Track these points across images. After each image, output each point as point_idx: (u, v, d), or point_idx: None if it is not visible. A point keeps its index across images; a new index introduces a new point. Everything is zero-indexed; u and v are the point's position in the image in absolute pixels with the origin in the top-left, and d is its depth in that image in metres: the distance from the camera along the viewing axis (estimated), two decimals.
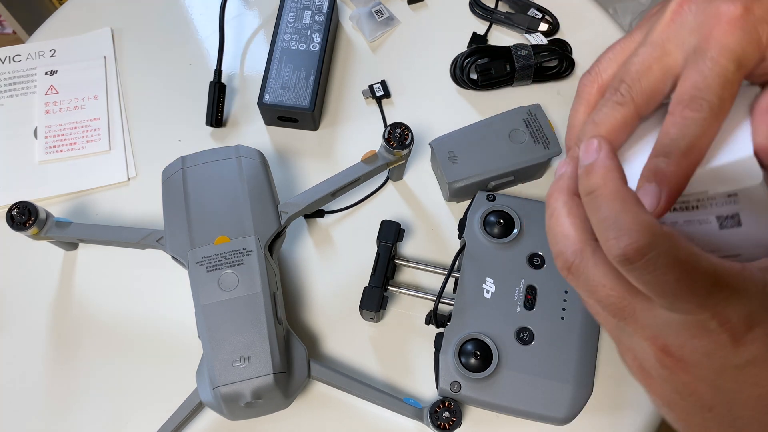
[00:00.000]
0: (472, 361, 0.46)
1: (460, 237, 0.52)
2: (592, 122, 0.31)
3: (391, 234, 0.51)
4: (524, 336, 0.47)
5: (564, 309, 0.47)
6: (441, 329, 0.48)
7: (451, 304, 0.48)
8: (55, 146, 0.60)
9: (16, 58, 0.64)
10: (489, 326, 0.47)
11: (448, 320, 0.48)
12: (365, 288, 0.49)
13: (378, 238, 0.51)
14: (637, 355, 0.30)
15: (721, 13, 0.27)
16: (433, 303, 0.48)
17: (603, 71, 0.33)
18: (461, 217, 0.53)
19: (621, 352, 0.32)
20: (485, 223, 0.50)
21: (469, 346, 0.46)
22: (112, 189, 0.58)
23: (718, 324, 0.26)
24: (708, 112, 0.27)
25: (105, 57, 0.64)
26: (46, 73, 0.63)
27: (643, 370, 0.31)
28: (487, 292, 0.48)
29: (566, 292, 0.48)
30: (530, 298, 0.48)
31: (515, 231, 0.50)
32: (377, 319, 0.51)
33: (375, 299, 0.49)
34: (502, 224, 0.50)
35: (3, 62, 0.64)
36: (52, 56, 0.64)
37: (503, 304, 0.48)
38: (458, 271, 0.50)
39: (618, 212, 0.26)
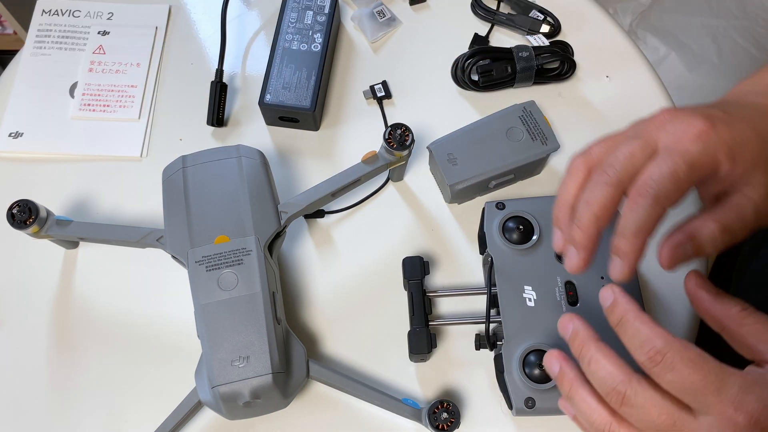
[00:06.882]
0: (537, 372, 0.44)
1: (482, 253, 0.51)
2: (585, 203, 0.36)
3: (417, 270, 0.50)
4: None
5: None
6: (494, 350, 0.48)
7: (493, 323, 0.48)
8: (89, 104, 0.62)
9: (76, 14, 0.66)
10: (543, 333, 0.46)
11: (497, 339, 0.47)
12: (409, 332, 0.49)
13: (405, 277, 0.50)
14: None
15: (692, 125, 0.35)
16: (473, 325, 0.47)
17: (594, 154, 0.38)
18: (469, 223, 0.52)
19: None
20: (504, 233, 0.49)
21: (532, 358, 0.45)
22: (122, 165, 0.58)
23: (745, 418, 0.30)
24: (652, 198, 0.34)
25: (156, 27, 0.65)
26: (98, 33, 0.65)
27: None
28: (530, 300, 0.47)
29: (602, 278, 0.47)
30: (572, 294, 0.47)
31: (536, 233, 0.49)
32: (428, 358, 0.50)
33: (424, 340, 0.48)
34: (521, 230, 0.49)
35: (63, 15, 0.66)
36: (108, 19, 0.66)
37: (548, 307, 0.47)
38: (494, 286, 0.49)
39: (639, 329, 0.33)
